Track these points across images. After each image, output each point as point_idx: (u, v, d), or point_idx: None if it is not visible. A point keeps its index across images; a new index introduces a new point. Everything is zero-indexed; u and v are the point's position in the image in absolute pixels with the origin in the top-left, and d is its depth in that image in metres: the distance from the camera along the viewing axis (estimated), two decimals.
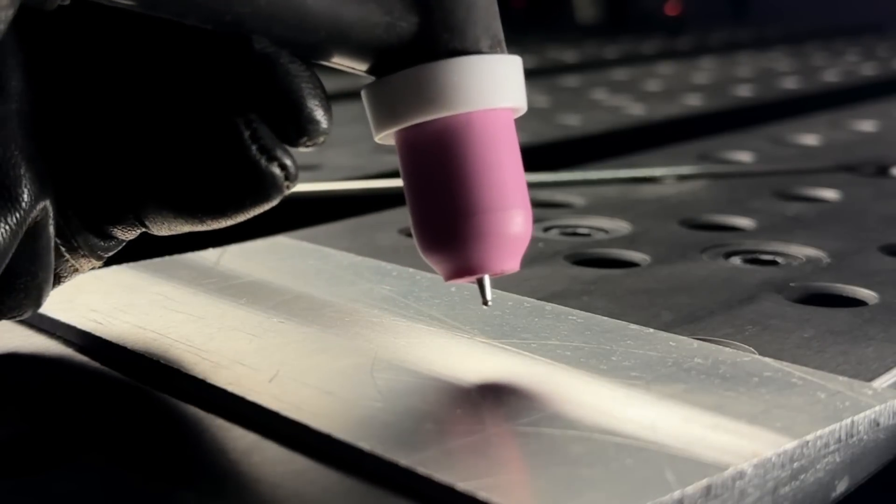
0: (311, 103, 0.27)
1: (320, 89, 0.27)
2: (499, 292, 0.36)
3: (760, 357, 0.32)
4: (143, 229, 0.31)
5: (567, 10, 2.14)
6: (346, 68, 0.29)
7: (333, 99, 0.28)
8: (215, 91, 0.28)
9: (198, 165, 0.28)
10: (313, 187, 0.61)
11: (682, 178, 0.64)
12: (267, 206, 0.28)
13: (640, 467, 0.25)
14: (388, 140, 0.30)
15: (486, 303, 0.30)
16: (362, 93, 0.29)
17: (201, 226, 0.29)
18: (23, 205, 0.28)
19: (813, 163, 0.70)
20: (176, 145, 0.29)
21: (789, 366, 0.31)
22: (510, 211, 0.29)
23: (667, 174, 0.64)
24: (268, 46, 0.27)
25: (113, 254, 0.33)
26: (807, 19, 2.01)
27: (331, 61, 0.28)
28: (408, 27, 0.28)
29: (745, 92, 1.07)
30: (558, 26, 2.03)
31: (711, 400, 0.29)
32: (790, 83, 1.14)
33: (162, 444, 0.28)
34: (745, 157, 0.73)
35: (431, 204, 0.29)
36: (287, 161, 0.27)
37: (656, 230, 0.52)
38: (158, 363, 0.32)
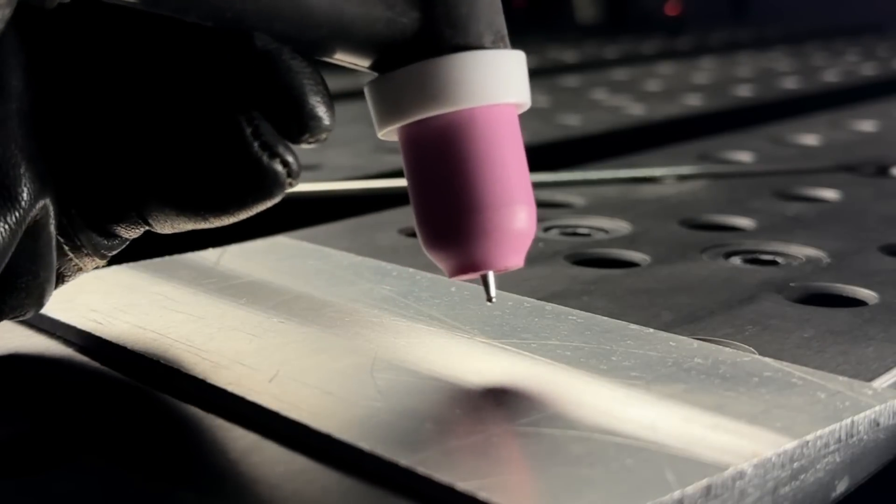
0: (313, 99, 0.27)
1: (322, 85, 0.27)
2: (499, 292, 0.36)
3: (760, 357, 0.32)
4: (146, 227, 0.31)
5: (567, 10, 2.14)
6: (348, 64, 0.29)
7: (333, 99, 0.28)
8: (217, 88, 0.28)
9: (200, 162, 0.28)
10: (313, 187, 0.61)
11: (682, 178, 0.64)
12: (269, 203, 0.28)
13: (640, 467, 0.25)
14: (391, 136, 0.30)
15: (490, 299, 0.30)
16: (365, 89, 0.29)
17: (204, 223, 0.29)
18: (22, 204, 0.28)
19: (813, 163, 0.70)
20: (178, 143, 0.29)
21: (789, 366, 0.31)
22: (514, 207, 0.28)
23: (667, 174, 0.64)
24: (269, 43, 0.27)
25: (116, 252, 0.33)
26: (807, 19, 2.01)
27: (333, 58, 0.28)
28: (410, 22, 0.28)
29: (745, 92, 1.07)
30: (558, 26, 2.03)
31: (711, 400, 0.29)
32: (790, 83, 1.14)
33: (162, 444, 0.28)
34: (745, 157, 0.73)
35: (435, 200, 0.29)
36: (289, 157, 0.27)
37: (656, 230, 0.52)
38: (158, 363, 0.32)
